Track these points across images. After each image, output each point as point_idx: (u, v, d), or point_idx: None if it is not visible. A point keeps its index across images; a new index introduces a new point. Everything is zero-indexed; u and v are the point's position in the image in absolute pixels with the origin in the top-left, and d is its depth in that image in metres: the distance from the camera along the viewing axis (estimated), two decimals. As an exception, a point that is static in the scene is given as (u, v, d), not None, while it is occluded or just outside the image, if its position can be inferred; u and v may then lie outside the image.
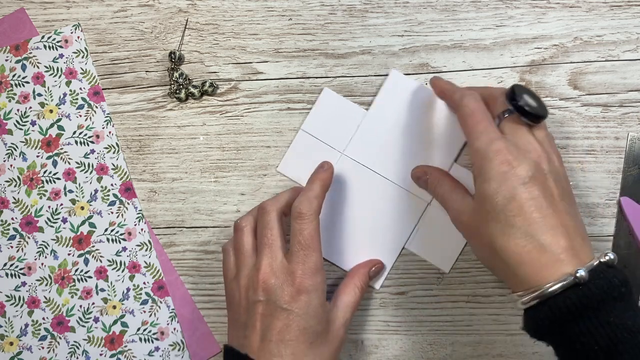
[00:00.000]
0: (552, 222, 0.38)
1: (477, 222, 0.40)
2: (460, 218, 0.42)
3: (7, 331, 0.53)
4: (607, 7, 0.52)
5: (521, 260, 0.38)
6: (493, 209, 0.38)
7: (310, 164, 0.48)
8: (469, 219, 0.41)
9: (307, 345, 0.41)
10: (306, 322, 0.42)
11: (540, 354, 0.51)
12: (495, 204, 0.38)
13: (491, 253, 0.39)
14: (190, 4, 0.54)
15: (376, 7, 0.53)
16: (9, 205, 0.53)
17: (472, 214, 0.41)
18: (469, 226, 0.41)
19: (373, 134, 0.51)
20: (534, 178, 0.38)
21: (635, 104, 0.51)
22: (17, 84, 0.54)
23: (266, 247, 0.43)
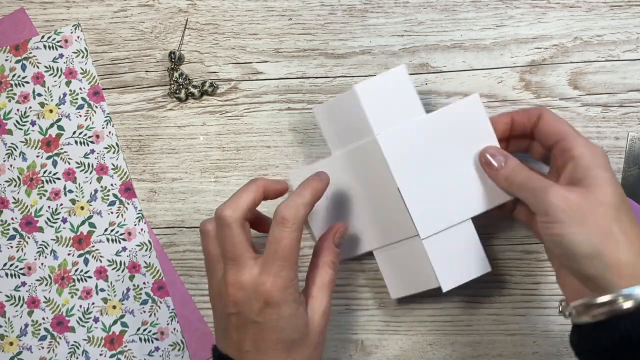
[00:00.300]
0: None
1: (593, 203, 0.38)
2: (567, 197, 0.38)
3: (7, 331, 0.53)
4: (607, 7, 0.52)
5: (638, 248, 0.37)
6: (615, 196, 0.38)
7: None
8: (581, 199, 0.38)
9: (284, 352, 0.40)
10: (279, 333, 0.40)
11: (540, 354, 0.51)
12: (617, 190, 0.39)
13: (603, 235, 0.37)
14: (190, 4, 0.54)
15: (376, 7, 0.53)
16: (9, 205, 0.53)
17: (586, 194, 0.38)
18: (579, 206, 0.38)
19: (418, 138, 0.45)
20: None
21: (635, 104, 0.51)
22: (17, 84, 0.54)
23: (230, 262, 0.40)
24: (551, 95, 0.52)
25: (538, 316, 0.51)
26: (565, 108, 0.52)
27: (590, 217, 0.38)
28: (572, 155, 0.40)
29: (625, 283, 0.36)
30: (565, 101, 0.52)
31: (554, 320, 0.51)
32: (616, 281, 0.36)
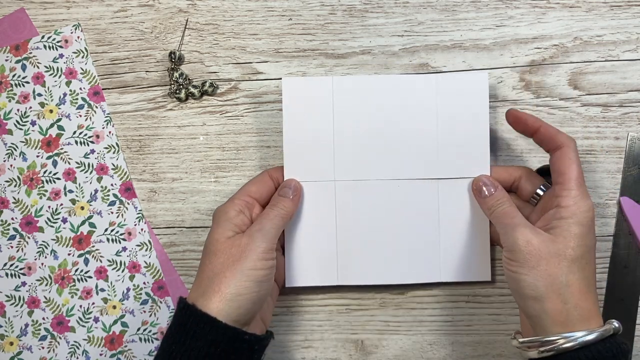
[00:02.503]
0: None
1: (551, 252, 0.41)
2: (530, 240, 0.42)
3: (7, 331, 0.53)
4: (607, 7, 0.52)
5: (577, 302, 0.40)
6: (576, 250, 0.41)
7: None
8: (541, 245, 0.41)
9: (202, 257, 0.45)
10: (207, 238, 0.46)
11: (540, 354, 0.51)
12: (580, 246, 0.41)
13: (549, 283, 0.41)
14: (190, 4, 0.54)
15: (376, 7, 0.53)
16: (9, 205, 0.53)
17: (548, 242, 0.41)
18: (537, 251, 0.41)
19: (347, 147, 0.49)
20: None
21: (635, 104, 0.51)
22: (17, 84, 0.54)
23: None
24: (551, 95, 0.52)
25: (538, 316, 0.51)
26: (565, 108, 0.52)
27: (544, 264, 0.41)
28: (558, 204, 0.43)
29: (556, 329, 0.40)
30: (565, 101, 0.52)
31: (554, 320, 0.51)
32: (549, 326, 0.40)
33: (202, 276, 0.44)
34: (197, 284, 0.44)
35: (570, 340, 0.39)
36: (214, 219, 0.46)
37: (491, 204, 0.46)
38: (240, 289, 0.42)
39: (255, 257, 0.43)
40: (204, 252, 0.45)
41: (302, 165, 0.49)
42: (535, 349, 0.41)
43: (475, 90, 0.48)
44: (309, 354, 0.52)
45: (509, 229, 0.43)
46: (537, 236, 0.42)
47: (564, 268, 0.41)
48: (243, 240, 0.44)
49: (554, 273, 0.41)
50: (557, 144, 0.44)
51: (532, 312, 0.41)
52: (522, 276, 0.41)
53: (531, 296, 0.41)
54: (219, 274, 0.43)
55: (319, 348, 0.52)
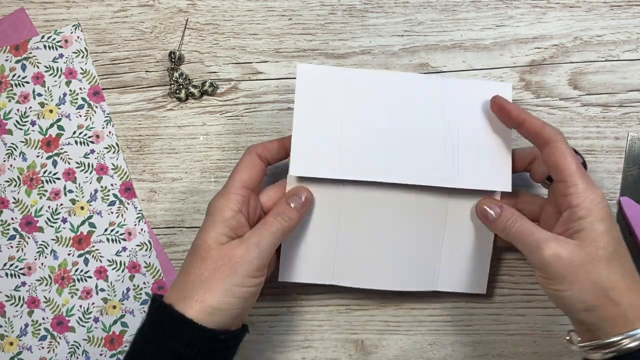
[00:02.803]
0: None
1: (583, 259, 0.40)
2: (558, 254, 0.40)
3: (7, 331, 0.53)
4: (607, 7, 0.52)
5: (630, 301, 0.39)
6: (607, 247, 0.40)
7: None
8: (572, 256, 0.40)
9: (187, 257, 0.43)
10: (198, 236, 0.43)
11: (540, 354, 0.51)
12: (610, 241, 0.40)
13: (595, 292, 0.39)
14: (190, 4, 0.54)
15: (376, 7, 0.53)
16: (9, 205, 0.53)
17: (577, 250, 0.40)
18: (570, 262, 0.39)
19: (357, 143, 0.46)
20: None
21: (635, 104, 0.51)
22: (17, 84, 0.54)
23: None
24: (551, 95, 0.52)
25: (538, 316, 0.51)
26: (565, 108, 0.52)
27: (582, 275, 0.39)
28: (570, 204, 0.41)
29: (618, 331, 0.39)
30: (565, 101, 0.52)
31: (554, 320, 0.51)
32: (609, 330, 0.39)
33: (185, 279, 0.42)
34: (179, 286, 0.42)
35: (635, 339, 0.38)
36: (209, 214, 0.43)
37: (503, 226, 0.44)
38: (224, 304, 0.41)
39: (246, 274, 0.41)
40: (192, 252, 0.43)
41: (309, 158, 0.46)
42: (599, 351, 0.39)
43: None
44: (309, 354, 0.52)
45: (532, 248, 0.41)
46: (564, 247, 0.40)
47: (603, 271, 0.39)
48: (237, 251, 0.42)
49: (596, 280, 0.39)
50: (545, 139, 0.42)
51: (589, 322, 0.40)
52: (565, 293, 0.40)
53: (582, 309, 0.39)
54: (204, 283, 0.41)
55: (319, 348, 0.52)
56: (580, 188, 0.41)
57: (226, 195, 0.44)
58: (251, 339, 0.52)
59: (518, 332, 0.51)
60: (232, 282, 0.41)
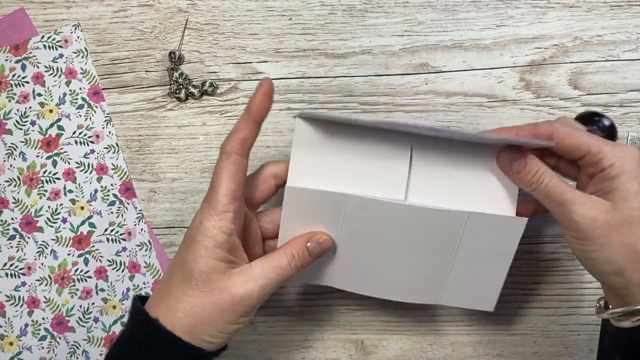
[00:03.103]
0: None
1: (618, 220, 0.38)
2: (594, 217, 0.38)
3: (7, 331, 0.53)
4: (607, 7, 0.52)
5: None
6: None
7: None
8: (607, 217, 0.38)
9: (180, 281, 0.39)
10: (186, 257, 0.39)
11: (540, 354, 0.51)
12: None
13: (627, 254, 0.38)
14: (190, 4, 0.54)
15: (376, 7, 0.53)
16: (9, 205, 0.53)
17: (611, 211, 0.38)
18: (605, 223, 0.38)
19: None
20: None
21: (635, 104, 0.51)
22: (17, 83, 0.54)
23: None
24: (551, 95, 0.52)
25: (538, 316, 0.51)
26: (565, 108, 0.52)
27: (615, 236, 0.38)
28: (602, 167, 0.39)
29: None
30: (565, 101, 0.52)
31: (554, 320, 0.51)
32: (638, 297, 0.38)
33: (178, 306, 0.39)
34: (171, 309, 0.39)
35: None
36: (199, 235, 0.39)
37: (529, 180, 0.41)
38: (216, 338, 0.39)
39: (243, 313, 0.39)
40: (185, 274, 0.39)
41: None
42: (628, 318, 0.38)
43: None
44: (309, 354, 0.52)
45: (564, 208, 0.39)
46: (598, 208, 0.38)
47: (637, 235, 0.38)
48: (239, 291, 0.39)
49: (629, 242, 0.38)
50: (546, 133, 0.41)
51: (618, 286, 0.39)
52: (596, 254, 0.38)
53: (612, 272, 0.38)
54: (198, 316, 0.39)
55: (319, 348, 0.52)
56: (608, 149, 0.39)
57: (216, 214, 0.39)
58: (251, 339, 0.52)
59: (518, 332, 0.51)
60: (228, 321, 0.39)
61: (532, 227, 0.51)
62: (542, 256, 0.51)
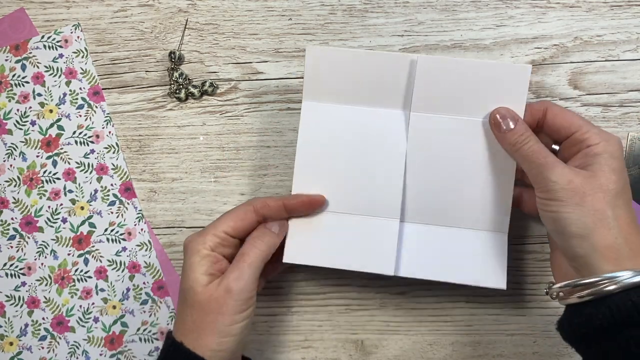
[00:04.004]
0: None
1: (594, 187, 0.39)
2: (571, 179, 0.39)
3: (7, 331, 0.53)
4: (607, 7, 0.52)
5: (627, 236, 0.38)
6: (618, 183, 0.39)
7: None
8: (584, 182, 0.39)
9: (181, 301, 0.43)
10: (182, 279, 0.43)
11: (540, 354, 0.51)
12: (621, 179, 0.40)
13: (597, 218, 0.38)
14: (190, 4, 0.54)
15: (376, 7, 0.53)
16: (9, 205, 0.53)
17: (589, 178, 0.39)
18: (581, 187, 0.39)
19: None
20: None
21: (635, 104, 0.51)
22: (17, 83, 0.54)
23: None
24: (551, 95, 0.52)
25: (538, 316, 0.51)
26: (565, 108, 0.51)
27: (589, 200, 0.39)
28: (588, 144, 0.41)
29: (607, 267, 0.37)
30: (565, 101, 0.52)
31: (554, 320, 0.51)
32: (599, 264, 0.38)
33: (184, 327, 0.42)
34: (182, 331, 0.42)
35: (615, 281, 0.36)
36: (186, 255, 0.43)
37: (514, 140, 0.43)
38: (221, 345, 0.41)
39: (234, 312, 0.41)
40: (182, 298, 0.43)
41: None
42: (576, 293, 0.38)
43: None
44: (309, 354, 0.52)
45: (543, 169, 0.40)
46: (577, 174, 0.40)
47: (610, 202, 0.39)
48: (219, 292, 0.41)
49: (601, 208, 0.38)
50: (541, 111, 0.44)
51: (579, 252, 0.39)
52: (566, 214, 0.39)
53: (578, 234, 0.38)
54: (198, 329, 0.41)
55: (319, 348, 0.52)
56: (597, 131, 0.41)
57: (202, 235, 0.43)
58: (251, 339, 0.52)
59: (518, 332, 0.51)
60: (223, 323, 0.41)
61: (532, 227, 0.51)
62: (542, 256, 0.51)
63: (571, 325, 0.39)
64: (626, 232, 0.38)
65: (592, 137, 0.41)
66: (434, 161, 0.46)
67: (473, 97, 0.45)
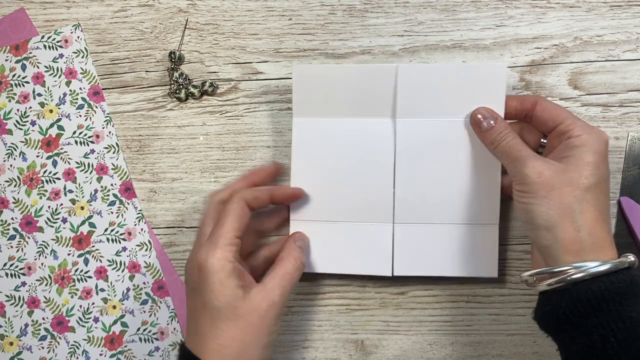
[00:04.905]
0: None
1: (563, 180, 0.40)
2: (542, 172, 0.41)
3: (7, 331, 0.53)
4: (607, 7, 0.52)
5: (590, 230, 0.39)
6: (590, 178, 0.40)
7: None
8: (554, 175, 0.40)
9: (209, 319, 0.42)
10: (206, 298, 0.42)
11: (539, 354, 0.51)
12: (594, 174, 0.40)
13: (562, 211, 0.40)
14: (190, 4, 0.54)
15: (376, 7, 0.53)
16: (9, 205, 0.53)
17: (560, 172, 0.40)
18: (550, 180, 0.40)
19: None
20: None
21: (635, 104, 0.51)
22: (17, 84, 0.54)
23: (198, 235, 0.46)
24: (551, 95, 0.52)
25: (538, 316, 0.51)
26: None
27: (556, 193, 0.40)
28: (570, 136, 0.42)
29: (568, 258, 0.39)
30: (565, 101, 0.52)
31: (554, 320, 0.51)
32: (560, 256, 0.39)
33: (219, 343, 0.41)
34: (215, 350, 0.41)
35: (581, 270, 0.38)
36: (206, 272, 0.42)
37: (493, 138, 0.45)
38: (261, 356, 0.42)
39: (273, 324, 0.42)
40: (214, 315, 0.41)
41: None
42: (545, 280, 0.40)
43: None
44: (309, 354, 0.52)
45: (517, 163, 0.42)
46: (549, 167, 0.41)
47: (577, 196, 0.40)
48: (262, 305, 0.42)
49: (566, 201, 0.40)
50: (531, 101, 0.45)
51: (544, 242, 0.40)
52: (534, 206, 0.40)
53: (543, 226, 0.40)
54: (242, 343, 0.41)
55: (319, 348, 0.52)
56: (581, 124, 0.42)
57: (216, 248, 0.42)
58: (251, 339, 0.52)
59: (518, 332, 0.51)
60: (264, 336, 0.42)
61: (532, 227, 0.51)
62: (542, 256, 0.51)
63: (543, 313, 0.41)
64: (590, 226, 0.39)
65: (575, 129, 0.42)
66: (423, 163, 0.48)
67: (454, 99, 0.47)
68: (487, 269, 0.48)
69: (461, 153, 0.48)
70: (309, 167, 0.49)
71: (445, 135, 0.48)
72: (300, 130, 0.49)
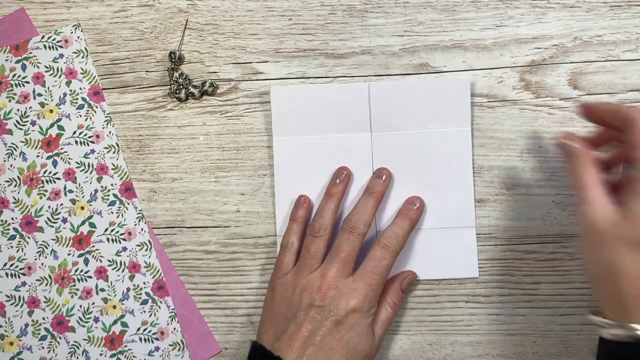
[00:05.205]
0: None
1: (618, 232, 0.37)
2: (596, 217, 0.38)
3: (7, 331, 0.53)
4: (607, 7, 0.52)
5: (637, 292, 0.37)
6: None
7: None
8: (608, 225, 0.38)
9: (343, 358, 0.44)
10: (350, 337, 0.44)
11: (540, 354, 0.51)
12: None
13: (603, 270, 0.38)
14: (190, 4, 0.54)
15: (376, 7, 0.53)
16: (9, 205, 0.53)
17: (610, 223, 0.38)
18: (603, 230, 0.38)
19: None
20: None
21: (635, 104, 0.51)
22: (17, 84, 0.54)
23: (340, 260, 0.46)
24: (551, 95, 0.52)
25: (538, 316, 0.51)
26: (565, 108, 0.52)
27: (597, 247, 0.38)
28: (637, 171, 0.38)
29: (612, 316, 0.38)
30: (565, 101, 0.52)
31: (553, 320, 0.51)
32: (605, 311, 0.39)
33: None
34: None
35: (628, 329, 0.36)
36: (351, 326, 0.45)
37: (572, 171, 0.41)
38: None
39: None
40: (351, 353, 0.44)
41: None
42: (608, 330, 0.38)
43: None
44: (309, 354, 0.52)
45: (578, 199, 0.40)
46: (601, 213, 0.38)
47: (622, 254, 0.37)
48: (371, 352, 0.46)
49: (610, 259, 0.37)
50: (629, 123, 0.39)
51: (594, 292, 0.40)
52: (582, 255, 0.40)
53: (590, 279, 0.40)
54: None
55: (319, 348, 0.52)
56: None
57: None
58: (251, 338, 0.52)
59: (518, 332, 0.51)
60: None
61: (532, 227, 0.51)
62: (542, 256, 0.51)
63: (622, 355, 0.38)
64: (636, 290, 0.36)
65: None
66: (399, 174, 0.51)
67: (424, 112, 0.51)
68: (468, 270, 0.51)
69: (434, 162, 0.51)
70: (292, 184, 0.52)
71: (418, 146, 0.51)
72: (281, 148, 0.52)
